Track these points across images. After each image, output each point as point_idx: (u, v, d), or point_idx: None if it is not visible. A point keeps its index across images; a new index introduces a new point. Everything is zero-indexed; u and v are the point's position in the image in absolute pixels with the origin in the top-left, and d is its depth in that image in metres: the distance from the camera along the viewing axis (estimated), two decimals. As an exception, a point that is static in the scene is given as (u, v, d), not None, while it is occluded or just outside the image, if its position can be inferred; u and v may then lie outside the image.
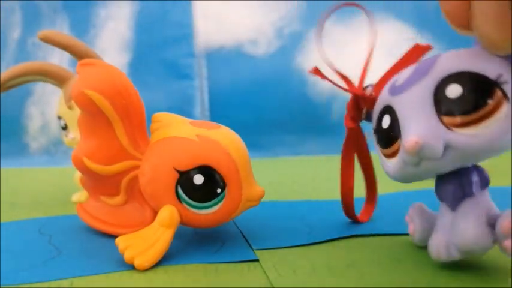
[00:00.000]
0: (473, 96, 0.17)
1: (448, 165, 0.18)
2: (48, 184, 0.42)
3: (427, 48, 0.20)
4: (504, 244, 0.17)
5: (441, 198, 0.20)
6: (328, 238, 0.24)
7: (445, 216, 0.19)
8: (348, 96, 0.24)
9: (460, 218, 0.18)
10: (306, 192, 0.37)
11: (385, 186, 0.37)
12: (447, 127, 0.17)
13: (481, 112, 0.17)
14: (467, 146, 0.17)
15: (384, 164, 0.21)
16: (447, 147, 0.17)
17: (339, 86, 0.23)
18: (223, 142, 0.21)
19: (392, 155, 0.19)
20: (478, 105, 0.16)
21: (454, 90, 0.17)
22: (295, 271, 0.20)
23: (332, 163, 0.55)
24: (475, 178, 0.19)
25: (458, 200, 0.19)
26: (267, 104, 0.69)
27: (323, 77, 0.23)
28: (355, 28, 0.71)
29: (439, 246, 0.19)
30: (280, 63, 0.70)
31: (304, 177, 0.45)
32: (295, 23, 0.72)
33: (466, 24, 0.16)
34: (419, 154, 0.17)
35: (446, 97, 0.17)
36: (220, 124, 0.23)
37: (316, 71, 0.23)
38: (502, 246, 0.17)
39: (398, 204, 0.32)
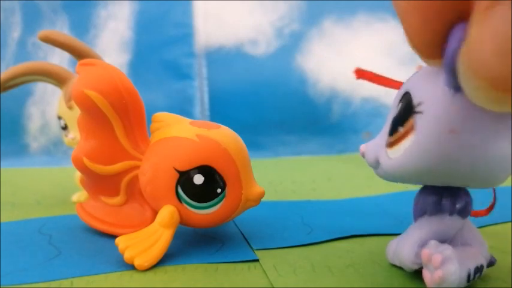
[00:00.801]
0: (397, 119, 0.17)
1: (391, 179, 0.18)
2: (48, 184, 0.42)
3: None
4: (423, 272, 0.17)
5: (415, 203, 0.19)
6: (328, 238, 0.24)
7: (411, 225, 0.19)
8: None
9: (406, 232, 0.19)
10: (306, 192, 0.37)
11: (385, 186, 0.37)
12: (386, 143, 0.17)
13: (395, 136, 0.16)
14: (385, 165, 0.17)
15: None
16: (378, 162, 0.18)
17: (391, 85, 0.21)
18: (223, 142, 0.21)
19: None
20: (395, 128, 0.16)
21: (397, 109, 0.17)
22: (295, 271, 0.20)
23: (332, 163, 0.56)
24: (448, 202, 0.18)
25: (422, 214, 0.18)
26: (267, 104, 0.69)
27: (371, 77, 0.21)
28: (355, 28, 0.71)
29: (390, 249, 0.20)
30: (280, 63, 0.70)
31: (304, 177, 0.45)
32: (295, 23, 0.72)
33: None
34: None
35: (394, 114, 0.17)
36: (220, 124, 0.23)
37: (361, 73, 0.21)
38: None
39: (398, 204, 0.32)
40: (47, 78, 0.32)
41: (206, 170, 0.21)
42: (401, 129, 0.16)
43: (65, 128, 0.33)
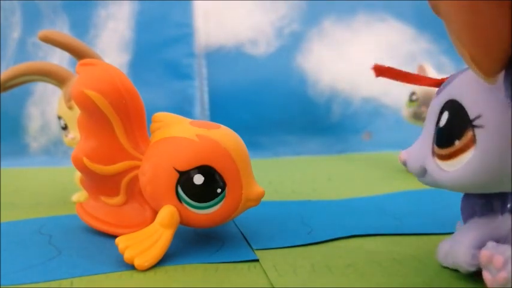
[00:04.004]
0: (448, 131, 0.16)
1: (440, 186, 0.18)
2: (48, 184, 0.42)
3: None
4: (483, 274, 0.17)
5: (463, 205, 0.19)
6: (328, 238, 0.24)
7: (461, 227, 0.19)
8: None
9: (459, 234, 0.18)
10: (306, 192, 0.37)
11: (385, 186, 0.37)
12: (433, 152, 0.17)
13: (450, 149, 0.16)
14: (438, 177, 0.17)
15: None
16: (425, 171, 0.18)
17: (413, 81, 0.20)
18: (223, 142, 0.21)
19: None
20: (449, 141, 0.16)
21: (443, 118, 0.17)
22: (295, 271, 0.20)
23: (332, 163, 0.56)
24: (499, 202, 0.18)
25: (471, 215, 0.18)
26: (267, 103, 0.69)
27: (392, 74, 0.20)
28: (355, 28, 0.71)
29: (441, 250, 0.19)
30: (280, 63, 0.70)
31: (304, 177, 0.45)
32: (295, 23, 0.72)
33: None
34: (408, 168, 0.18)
35: (439, 122, 0.17)
36: (220, 124, 0.23)
37: (380, 69, 0.20)
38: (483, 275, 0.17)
39: (398, 204, 0.32)
40: (47, 78, 0.32)
41: (206, 170, 0.21)
42: (457, 143, 0.16)
43: (65, 128, 0.33)
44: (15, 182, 0.44)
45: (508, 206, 0.18)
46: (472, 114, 0.15)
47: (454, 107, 0.16)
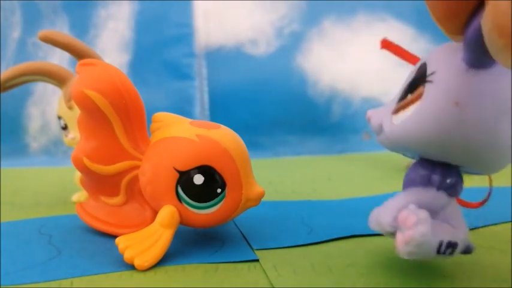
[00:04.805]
0: (407, 86, 0.17)
1: (391, 146, 0.18)
2: (48, 184, 0.42)
3: None
4: (396, 235, 0.16)
5: (406, 175, 0.19)
6: (328, 238, 0.24)
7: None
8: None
9: (391, 198, 0.18)
10: (306, 192, 0.37)
11: (385, 186, 0.37)
12: (392, 110, 0.17)
13: (402, 103, 0.16)
14: (387, 131, 0.17)
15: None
16: (382, 127, 0.18)
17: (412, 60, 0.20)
18: (223, 142, 0.21)
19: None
20: (404, 95, 0.17)
21: (409, 77, 0.17)
22: (295, 271, 0.20)
23: (332, 163, 0.56)
24: (437, 176, 0.17)
25: (409, 185, 0.18)
26: (267, 104, 0.69)
27: (396, 50, 0.21)
28: (355, 28, 0.71)
29: (372, 215, 0.19)
30: (280, 63, 0.70)
31: (304, 177, 0.45)
32: (295, 23, 0.72)
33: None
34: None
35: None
36: (220, 124, 0.23)
37: (387, 43, 0.21)
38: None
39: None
40: (47, 78, 0.32)
41: (206, 170, 0.21)
42: (409, 96, 0.16)
43: (65, 128, 0.33)
44: (15, 182, 0.44)
45: (447, 181, 0.17)
46: (428, 72, 0.15)
47: (421, 67, 0.16)
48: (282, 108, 0.69)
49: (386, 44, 0.20)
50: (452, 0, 0.13)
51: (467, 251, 0.18)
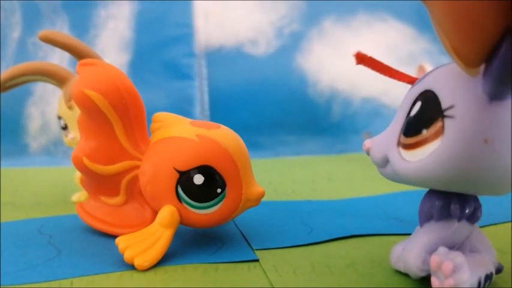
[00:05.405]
0: (417, 120, 0.16)
1: (402, 180, 0.17)
2: (48, 184, 0.42)
3: None
4: (431, 280, 0.16)
5: (421, 207, 0.18)
6: (328, 238, 0.24)
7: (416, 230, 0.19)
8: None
9: (413, 237, 0.18)
10: (306, 192, 0.37)
11: (385, 186, 0.37)
12: (398, 142, 0.16)
13: (416, 138, 0.15)
14: (398, 167, 0.16)
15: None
16: (387, 161, 0.17)
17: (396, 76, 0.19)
18: (223, 142, 0.21)
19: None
20: (417, 130, 0.15)
21: (415, 108, 0.16)
22: (295, 271, 0.20)
23: (332, 163, 0.56)
24: (457, 208, 0.17)
25: (428, 219, 0.18)
26: (267, 104, 0.69)
27: (372, 64, 0.19)
28: (355, 28, 0.71)
29: (394, 254, 0.19)
30: (280, 63, 0.70)
31: (304, 177, 0.45)
32: (295, 23, 0.72)
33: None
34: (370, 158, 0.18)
35: (410, 113, 0.16)
36: (220, 124, 0.23)
37: (362, 57, 0.19)
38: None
39: (398, 204, 0.32)
40: (47, 78, 0.32)
41: (206, 170, 0.21)
42: (425, 132, 0.15)
43: (65, 128, 0.33)
44: (15, 182, 0.44)
45: (466, 211, 0.17)
46: (445, 104, 0.14)
47: (427, 97, 0.15)
48: (282, 108, 0.69)
49: (361, 58, 0.19)
50: (474, 26, 0.12)
51: (498, 271, 0.18)
